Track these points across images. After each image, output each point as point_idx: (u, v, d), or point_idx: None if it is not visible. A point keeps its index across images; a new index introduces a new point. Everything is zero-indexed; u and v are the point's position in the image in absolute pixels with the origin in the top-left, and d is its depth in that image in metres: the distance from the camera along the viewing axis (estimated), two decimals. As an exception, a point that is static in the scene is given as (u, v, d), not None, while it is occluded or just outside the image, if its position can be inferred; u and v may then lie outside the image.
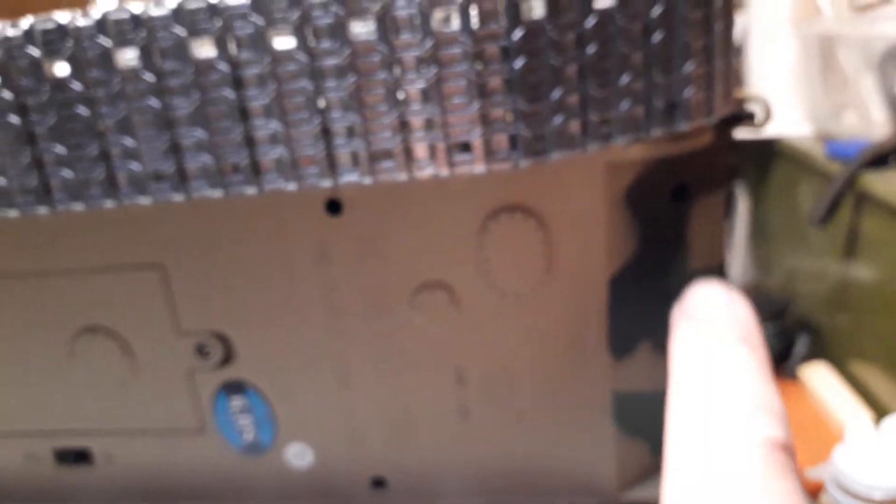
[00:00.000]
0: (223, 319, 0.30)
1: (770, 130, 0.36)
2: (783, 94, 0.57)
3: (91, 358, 0.31)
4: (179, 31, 0.23)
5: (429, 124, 0.23)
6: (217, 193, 0.25)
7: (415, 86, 0.23)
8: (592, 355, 0.28)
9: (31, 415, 0.33)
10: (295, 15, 0.22)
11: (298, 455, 0.31)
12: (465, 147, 0.23)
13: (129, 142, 0.24)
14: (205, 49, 0.23)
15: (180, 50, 0.23)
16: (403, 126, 0.23)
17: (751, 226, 0.66)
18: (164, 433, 0.32)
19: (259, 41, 0.23)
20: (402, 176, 0.24)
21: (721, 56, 0.26)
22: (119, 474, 0.33)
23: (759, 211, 0.64)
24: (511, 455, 0.30)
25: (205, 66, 0.23)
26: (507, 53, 0.22)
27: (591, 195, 0.26)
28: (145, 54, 0.23)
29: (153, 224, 0.29)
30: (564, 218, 0.27)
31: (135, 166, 0.25)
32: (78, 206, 0.25)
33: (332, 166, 0.24)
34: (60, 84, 0.24)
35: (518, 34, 0.22)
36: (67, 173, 0.25)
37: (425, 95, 0.23)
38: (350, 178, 0.24)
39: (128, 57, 0.24)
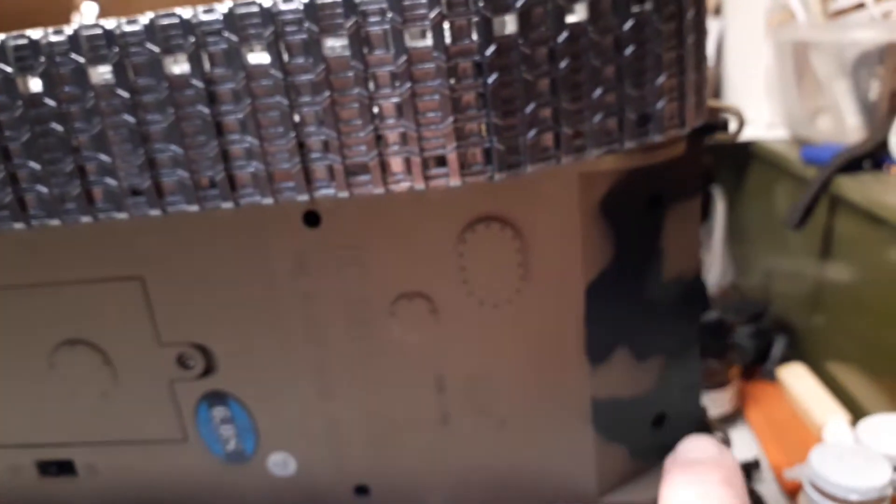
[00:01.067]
0: (203, 331, 0.30)
1: (746, 134, 0.37)
2: (758, 99, 0.58)
3: (71, 369, 0.31)
4: (153, 47, 0.23)
5: (404, 139, 0.23)
6: (193, 208, 0.25)
7: (389, 101, 0.23)
8: (571, 362, 0.29)
9: (12, 427, 0.33)
10: (268, 31, 0.22)
11: (281, 464, 0.32)
12: (441, 161, 0.24)
13: (104, 157, 0.24)
14: (179, 65, 0.23)
15: (154, 66, 0.23)
16: (378, 140, 0.23)
17: (728, 228, 0.66)
18: (146, 443, 0.32)
19: (233, 57, 0.23)
20: (378, 190, 0.24)
21: (693, 68, 0.26)
22: (103, 485, 0.33)
23: (735, 213, 0.65)
24: (492, 461, 0.31)
25: (179, 82, 0.23)
26: (480, 69, 0.23)
27: (566, 205, 0.27)
28: (119, 70, 0.23)
29: (132, 237, 0.29)
30: (540, 228, 0.27)
31: (111, 182, 0.25)
32: (54, 222, 0.25)
33: (308, 181, 0.24)
34: (34, 100, 0.24)
35: (490, 50, 0.22)
36: (42, 189, 0.25)
37: (400, 110, 0.23)
38: (326, 192, 0.24)
39: (101, 73, 0.24)
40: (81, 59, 0.23)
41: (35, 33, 0.24)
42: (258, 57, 0.23)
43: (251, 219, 0.28)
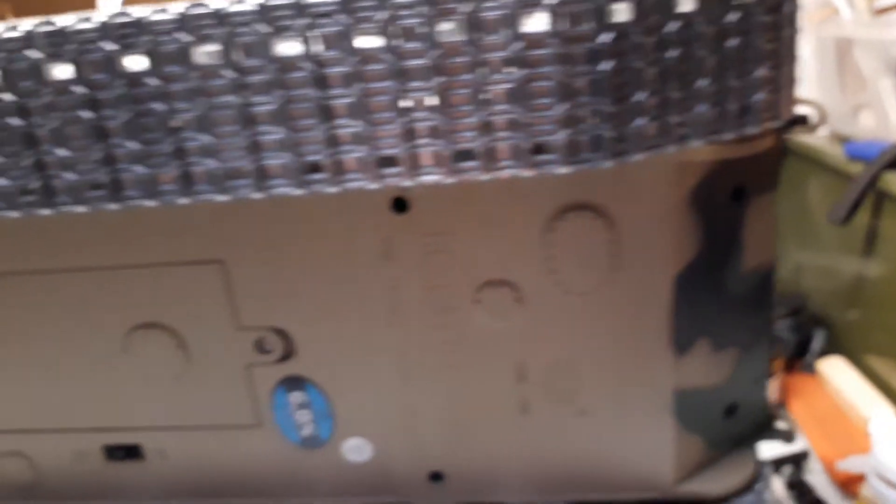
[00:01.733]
0: (284, 315, 0.30)
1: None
2: (800, 95, 0.59)
3: (145, 353, 0.31)
4: (262, 28, 0.23)
5: (513, 125, 0.23)
6: (298, 192, 0.24)
7: (501, 86, 0.23)
8: (654, 352, 0.29)
9: (81, 411, 0.33)
10: (382, 15, 0.22)
11: (356, 449, 0.32)
12: (548, 148, 0.24)
13: (206, 138, 0.24)
14: (289, 47, 0.23)
15: (262, 47, 0.23)
16: (487, 127, 0.23)
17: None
18: (219, 428, 0.32)
19: (344, 40, 0.23)
20: (484, 176, 0.24)
21: (787, 61, 0.26)
22: (170, 470, 0.33)
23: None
24: (569, 450, 0.31)
25: (288, 64, 0.23)
26: (594, 55, 0.23)
27: (660, 195, 0.27)
28: (225, 50, 0.23)
29: (215, 220, 0.28)
30: (634, 218, 0.27)
31: (213, 164, 0.24)
32: (150, 203, 0.25)
33: (414, 166, 0.24)
34: (134, 79, 0.24)
35: (606, 37, 0.22)
36: (140, 169, 0.25)
37: (512, 96, 0.23)
38: (432, 178, 0.24)
39: (207, 52, 0.24)
40: (188, 38, 0.23)
41: (140, 11, 0.23)
42: (370, 40, 0.23)
43: (338, 203, 0.28)
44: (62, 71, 0.24)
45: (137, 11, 0.24)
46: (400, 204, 0.28)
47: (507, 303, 0.29)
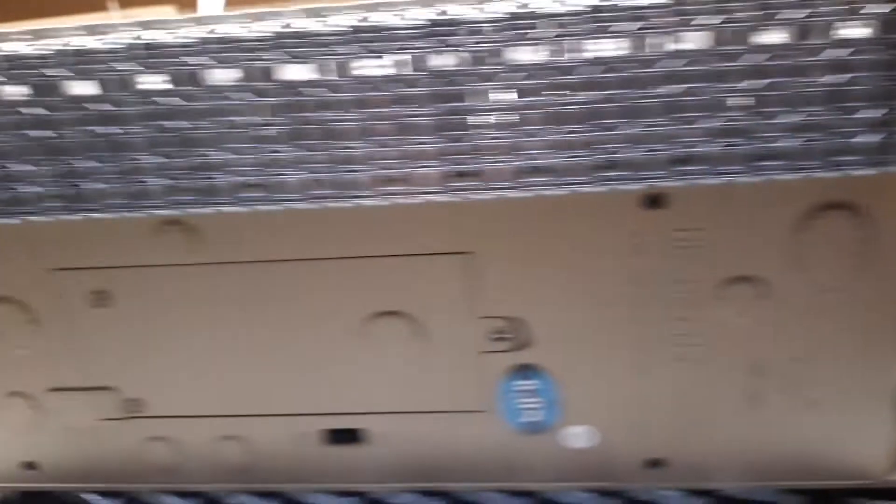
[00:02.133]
0: (525, 305, 0.30)
1: None
2: None
3: (382, 340, 0.31)
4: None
5: (824, 127, 0.24)
6: (597, 190, 0.25)
7: (819, 90, 0.23)
8: (888, 346, 0.30)
9: (306, 396, 0.33)
10: (713, 20, 0.23)
11: (578, 436, 0.32)
12: (843, 149, 0.24)
13: (517, 136, 0.24)
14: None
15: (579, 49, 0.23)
16: (798, 129, 0.24)
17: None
18: (445, 413, 0.33)
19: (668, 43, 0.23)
20: (787, 177, 0.25)
21: None
22: (387, 453, 0.34)
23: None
24: (791, 439, 0.32)
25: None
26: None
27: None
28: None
29: (465, 214, 0.29)
30: (887, 216, 0.28)
31: (516, 160, 0.25)
32: (445, 198, 0.26)
33: (714, 165, 0.25)
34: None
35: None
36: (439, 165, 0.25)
37: (826, 99, 0.23)
38: (741, 177, 0.25)
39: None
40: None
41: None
42: (692, 40, 0.23)
43: (593, 198, 0.28)
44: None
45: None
46: (653, 200, 0.28)
47: (751, 299, 0.29)
